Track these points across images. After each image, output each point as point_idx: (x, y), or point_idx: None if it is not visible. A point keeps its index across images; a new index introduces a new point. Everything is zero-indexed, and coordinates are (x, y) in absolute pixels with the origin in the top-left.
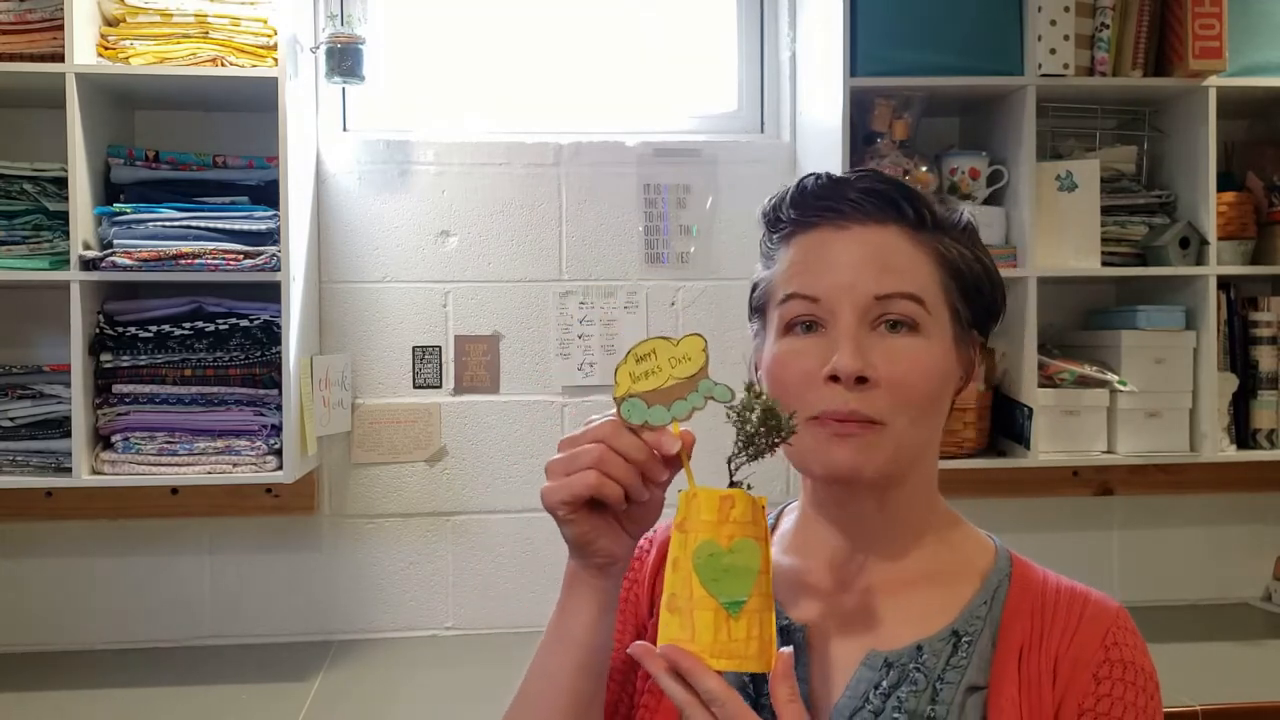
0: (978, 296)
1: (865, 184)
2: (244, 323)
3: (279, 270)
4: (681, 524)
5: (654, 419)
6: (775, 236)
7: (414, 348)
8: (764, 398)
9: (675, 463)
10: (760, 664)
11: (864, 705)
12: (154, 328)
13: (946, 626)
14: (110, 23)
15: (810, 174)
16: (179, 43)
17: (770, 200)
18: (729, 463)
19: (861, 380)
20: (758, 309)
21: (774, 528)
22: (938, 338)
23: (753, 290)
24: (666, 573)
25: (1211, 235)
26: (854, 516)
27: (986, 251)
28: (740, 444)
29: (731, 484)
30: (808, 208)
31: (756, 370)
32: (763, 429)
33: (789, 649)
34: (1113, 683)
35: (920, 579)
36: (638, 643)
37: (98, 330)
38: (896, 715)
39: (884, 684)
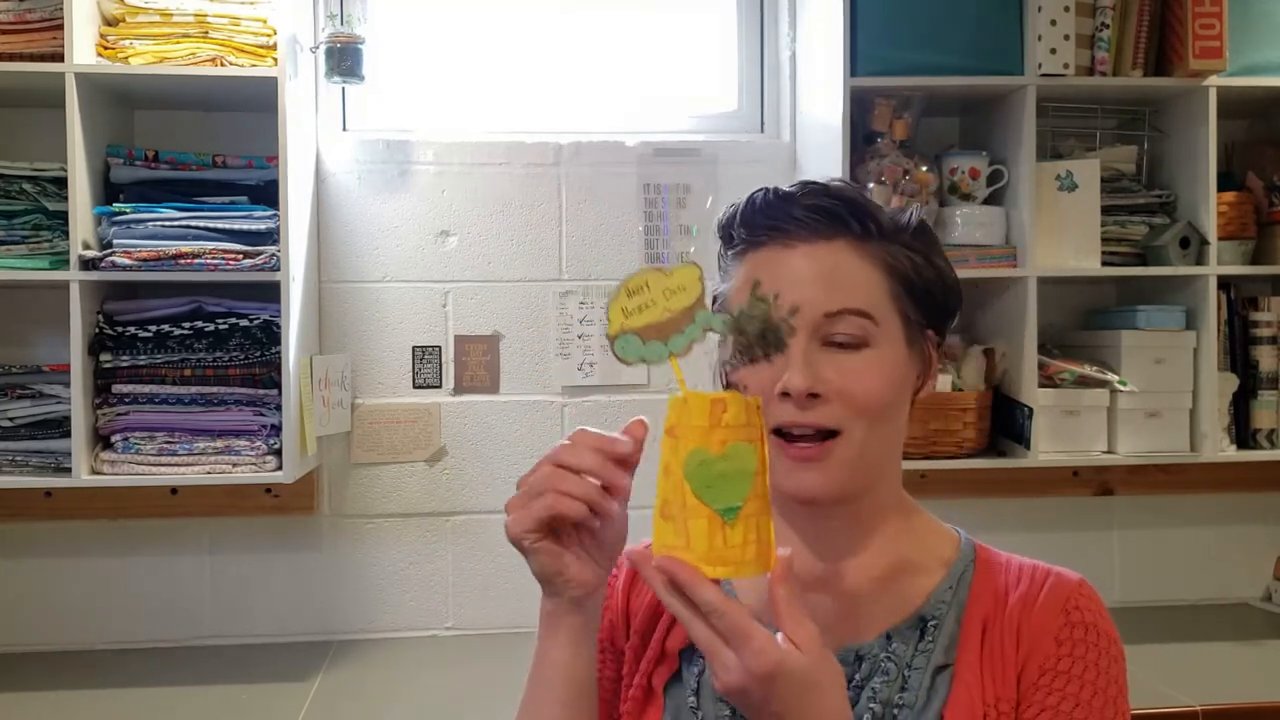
0: (928, 299)
1: (811, 200)
2: (244, 323)
3: (279, 270)
4: (672, 429)
5: (650, 355)
6: (729, 253)
7: (414, 348)
8: (764, 307)
9: (630, 464)
10: (759, 567)
11: None
12: (154, 328)
13: (914, 613)
14: (110, 22)
15: (761, 189)
16: (179, 42)
17: (725, 214)
18: (723, 365)
19: (814, 395)
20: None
21: None
22: (888, 346)
23: (713, 302)
24: (658, 479)
25: (1211, 235)
26: (822, 524)
27: (939, 251)
28: (736, 351)
29: (726, 385)
30: (756, 226)
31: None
32: (759, 339)
33: (788, 550)
34: (1074, 644)
35: (887, 573)
36: (634, 550)
37: (97, 330)
38: (871, 706)
39: (857, 677)
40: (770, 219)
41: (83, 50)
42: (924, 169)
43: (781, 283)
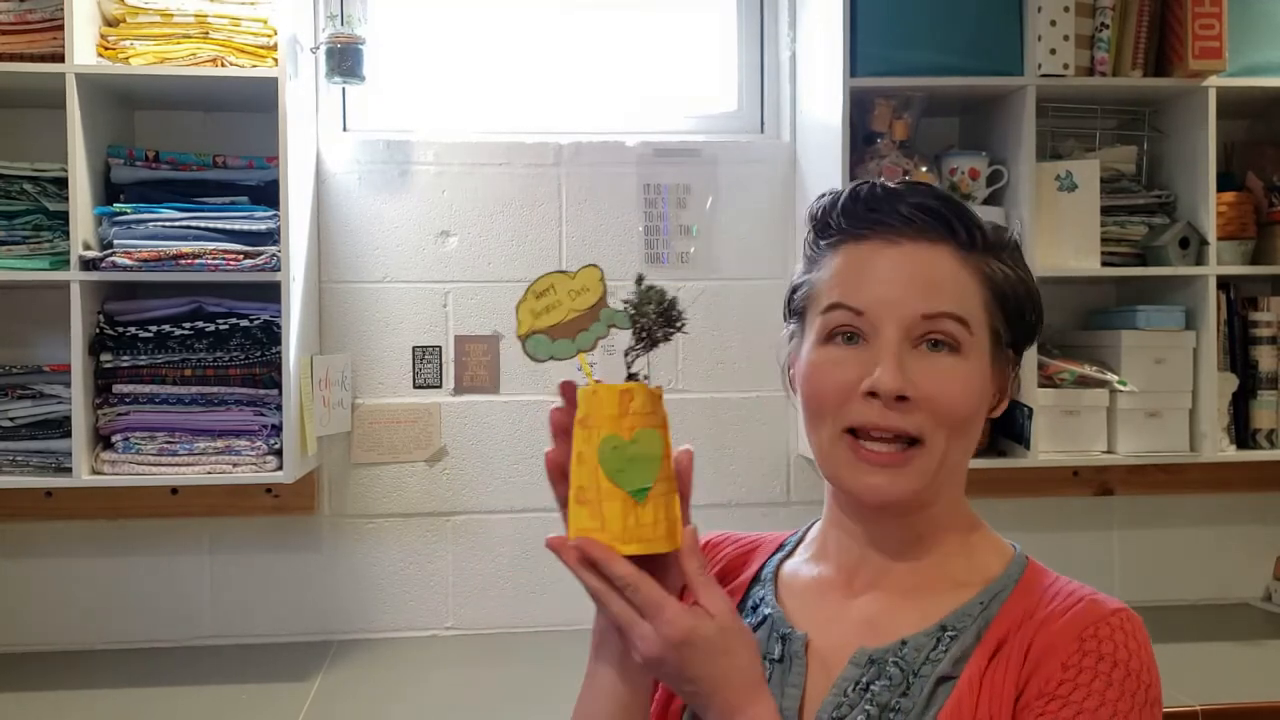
0: (1019, 319)
1: (918, 199)
2: (244, 323)
3: (279, 270)
4: (584, 420)
5: (559, 353)
6: (823, 242)
7: (414, 348)
8: (655, 289)
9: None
10: (669, 544)
11: (843, 701)
12: (154, 328)
13: (936, 622)
14: (110, 23)
15: (864, 181)
16: (179, 43)
17: (819, 203)
18: (626, 355)
19: (901, 399)
20: (797, 311)
21: (800, 540)
22: (976, 358)
23: (793, 291)
24: (572, 466)
25: (1211, 235)
26: (879, 533)
27: (1029, 271)
28: (636, 337)
29: (629, 377)
30: (859, 218)
31: (790, 371)
32: (660, 319)
33: (694, 526)
34: (1080, 670)
35: (929, 584)
36: (550, 536)
37: (98, 330)
38: (868, 708)
39: (864, 679)
40: (875, 212)
41: (83, 50)
42: (924, 169)
43: (881, 278)
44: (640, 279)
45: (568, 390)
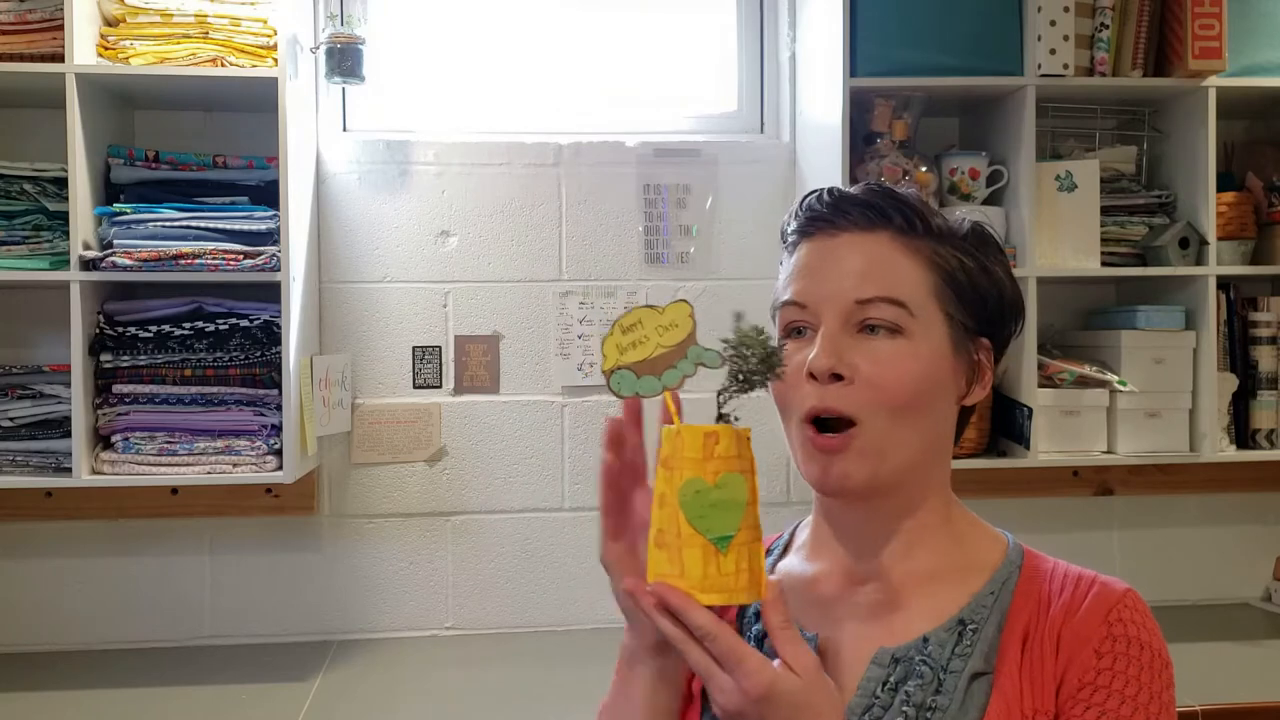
0: (978, 302)
1: (861, 195)
2: (244, 323)
3: (279, 270)
4: (666, 460)
5: (644, 389)
6: (783, 248)
7: (414, 348)
8: (757, 330)
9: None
10: (750, 595)
11: (873, 703)
12: (154, 328)
13: (953, 616)
14: (110, 23)
15: (816, 189)
16: (179, 43)
17: (785, 217)
18: (718, 396)
19: (838, 378)
20: (774, 317)
21: (790, 541)
22: (924, 341)
23: (772, 301)
24: (653, 509)
25: (1211, 235)
26: (860, 524)
27: (999, 261)
28: (732, 378)
29: (719, 417)
30: (806, 220)
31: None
32: (761, 366)
33: (779, 578)
34: (1114, 657)
35: (930, 577)
36: (628, 579)
37: (98, 330)
38: (905, 709)
39: (891, 679)
40: (819, 212)
41: (83, 51)
42: (923, 169)
43: (821, 270)
44: (739, 316)
45: (632, 406)
